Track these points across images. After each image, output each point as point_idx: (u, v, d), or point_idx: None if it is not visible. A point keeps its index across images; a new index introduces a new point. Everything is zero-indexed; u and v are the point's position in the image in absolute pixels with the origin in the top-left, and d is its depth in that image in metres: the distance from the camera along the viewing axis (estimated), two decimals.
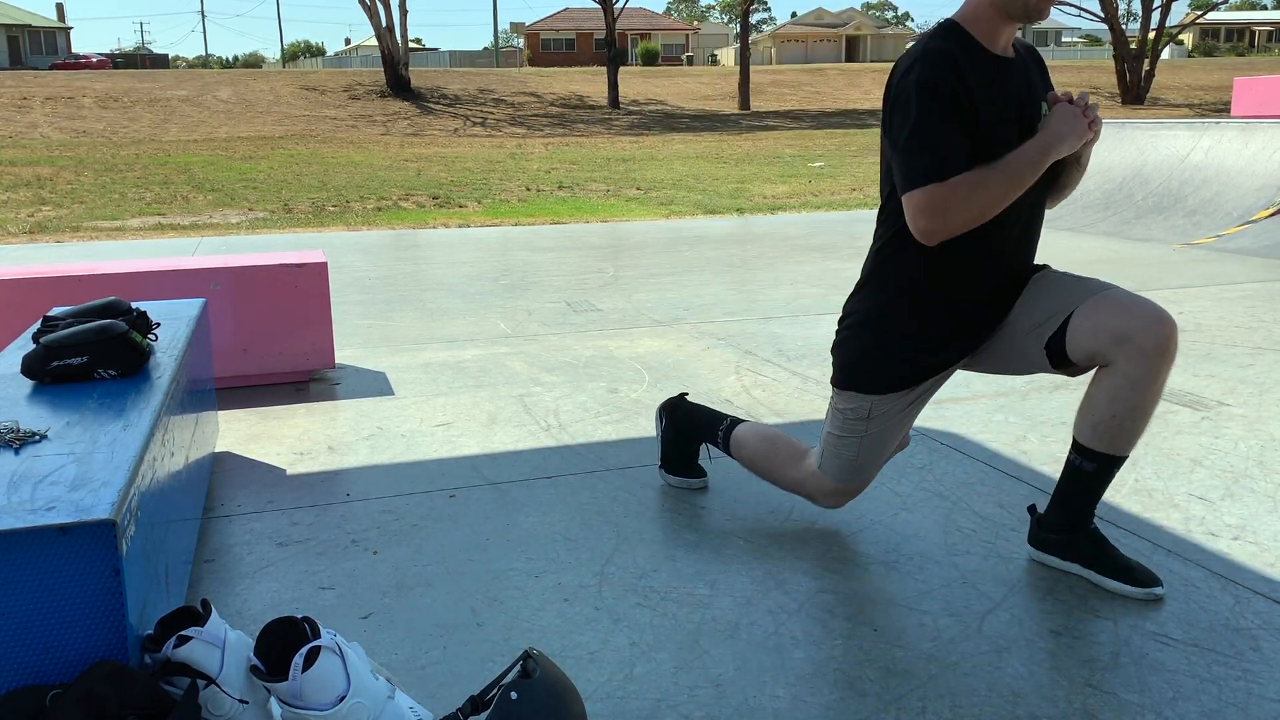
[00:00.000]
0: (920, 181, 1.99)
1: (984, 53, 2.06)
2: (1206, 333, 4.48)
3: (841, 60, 60.82)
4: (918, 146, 1.99)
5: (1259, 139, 7.90)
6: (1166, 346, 1.97)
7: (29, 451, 1.67)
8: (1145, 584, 2.10)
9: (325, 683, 1.42)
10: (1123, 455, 2.08)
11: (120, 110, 25.44)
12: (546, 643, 1.97)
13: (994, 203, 1.99)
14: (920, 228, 2.02)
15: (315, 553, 2.38)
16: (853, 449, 2.29)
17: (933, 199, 1.98)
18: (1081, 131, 2.03)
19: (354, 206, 11.02)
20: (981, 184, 1.98)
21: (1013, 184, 1.99)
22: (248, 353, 3.77)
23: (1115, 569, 2.13)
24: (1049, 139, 2.01)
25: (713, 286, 5.90)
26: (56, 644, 1.38)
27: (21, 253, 7.72)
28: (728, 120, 27.70)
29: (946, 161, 1.98)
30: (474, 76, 35.40)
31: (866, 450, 2.28)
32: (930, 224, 2.00)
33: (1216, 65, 42.57)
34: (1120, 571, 2.12)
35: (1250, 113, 11.72)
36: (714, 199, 11.55)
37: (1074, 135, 2.02)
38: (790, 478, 2.45)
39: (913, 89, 2.00)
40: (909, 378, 2.21)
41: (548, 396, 3.64)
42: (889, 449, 2.31)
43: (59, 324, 2.29)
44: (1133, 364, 1.97)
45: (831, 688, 1.80)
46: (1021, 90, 2.10)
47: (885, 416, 2.24)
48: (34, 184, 13.17)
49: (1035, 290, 2.16)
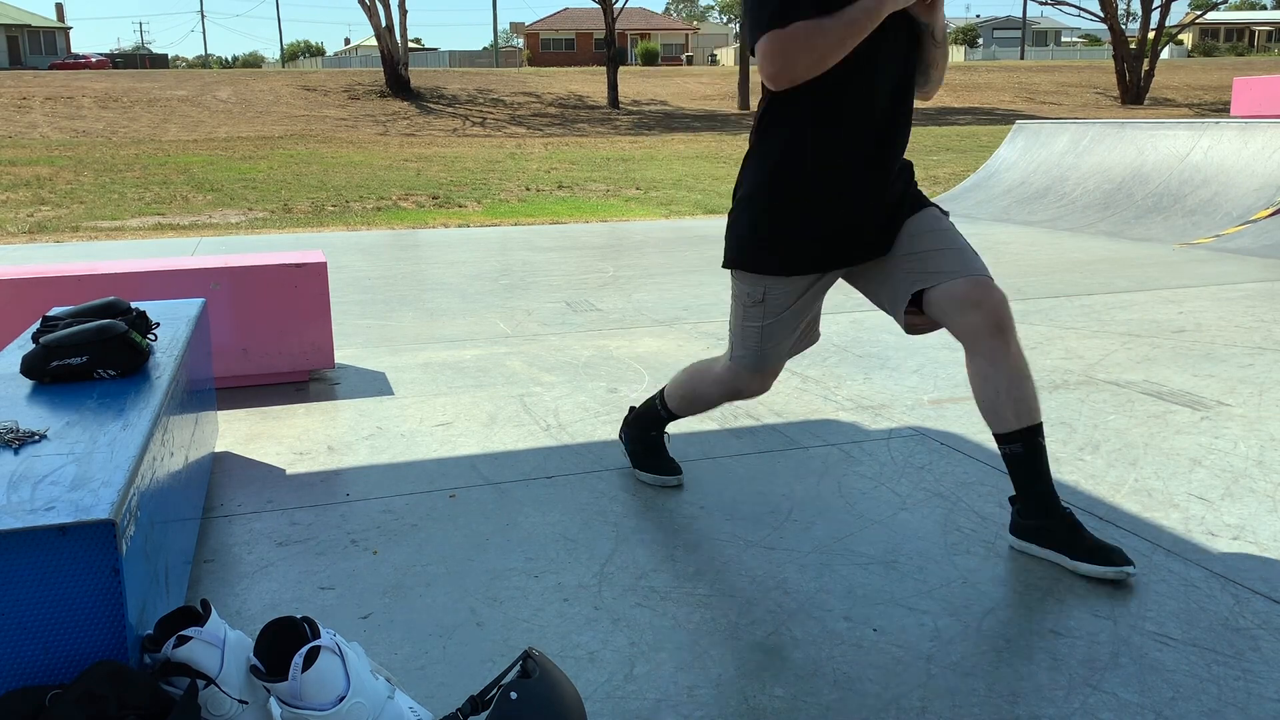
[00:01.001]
0: (764, 27, 2.10)
1: None
2: (1206, 332, 4.48)
3: None
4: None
5: (1258, 139, 7.91)
6: (1001, 323, 2.16)
7: (28, 451, 1.67)
8: (1116, 563, 2.16)
9: (325, 683, 1.42)
10: (1034, 423, 2.21)
11: (120, 110, 25.44)
12: (546, 643, 1.97)
13: (832, 48, 2.08)
14: (765, 71, 2.13)
15: (315, 553, 2.38)
16: (755, 337, 2.40)
17: (774, 44, 2.09)
18: None
19: (353, 206, 11.02)
20: (819, 29, 2.07)
21: (850, 30, 2.07)
22: (247, 352, 3.77)
23: (1086, 552, 2.20)
24: None
25: (713, 286, 5.90)
26: (56, 644, 1.38)
27: (21, 253, 7.72)
28: (728, 120, 27.70)
29: (787, 8, 2.08)
30: (474, 76, 35.40)
31: (769, 337, 2.40)
32: (773, 67, 2.11)
33: (1216, 65, 42.58)
34: (1091, 553, 2.19)
35: (1249, 112, 11.73)
36: (714, 199, 11.55)
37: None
38: (712, 385, 2.58)
39: None
40: (792, 260, 2.29)
41: (547, 396, 3.64)
42: (791, 336, 2.41)
43: (59, 324, 2.28)
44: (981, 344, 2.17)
45: (831, 688, 1.80)
46: None
47: (779, 301, 2.34)
48: (33, 184, 13.17)
49: (926, 239, 2.26)
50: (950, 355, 4.14)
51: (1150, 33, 31.26)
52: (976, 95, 32.62)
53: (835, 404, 3.49)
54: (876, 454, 2.99)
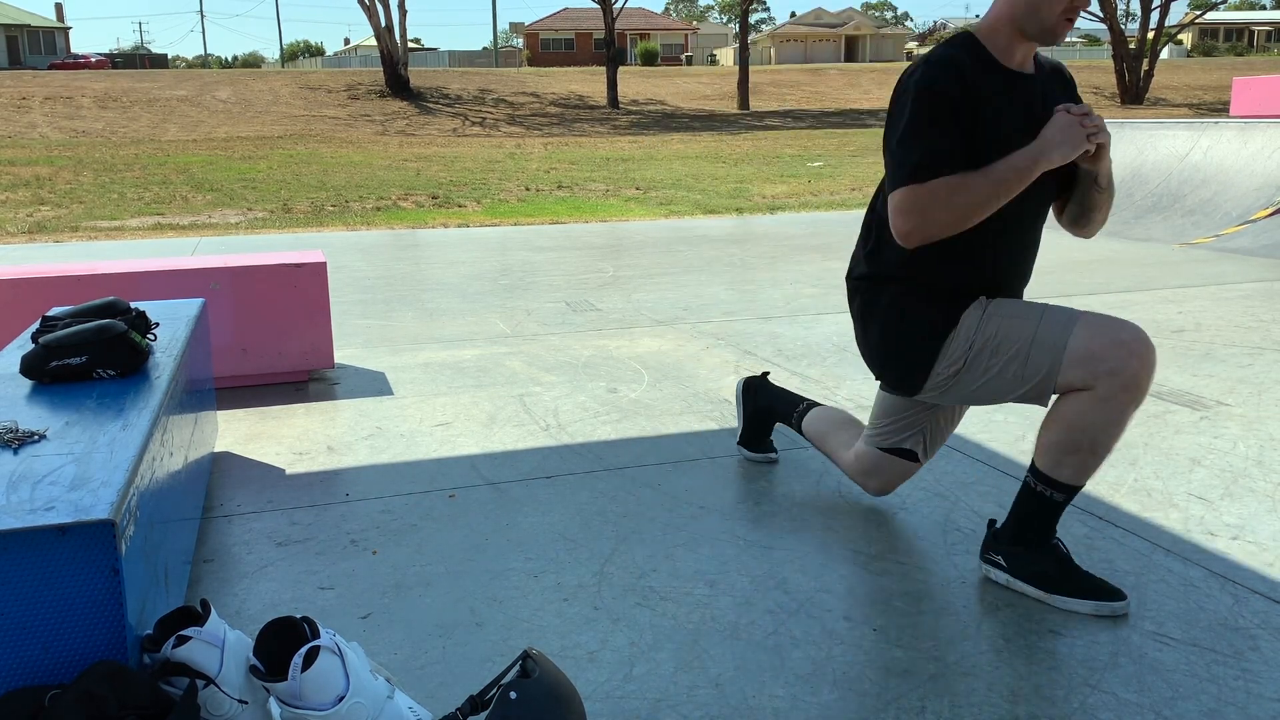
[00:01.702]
0: (903, 181, 1.99)
1: (997, 65, 2.06)
2: (1205, 332, 4.48)
3: (841, 60, 60.86)
4: (905, 148, 2.00)
5: (1258, 139, 7.91)
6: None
7: (28, 451, 1.67)
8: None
9: (324, 683, 1.42)
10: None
11: (119, 110, 25.43)
12: (546, 643, 1.96)
13: (976, 207, 1.97)
14: (898, 227, 2.02)
15: (314, 553, 2.38)
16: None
17: (911, 199, 1.98)
18: (1076, 140, 1.96)
19: (353, 206, 11.02)
20: (963, 187, 1.96)
21: (997, 190, 1.96)
22: (247, 352, 3.77)
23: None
24: (1040, 146, 1.97)
25: (712, 286, 5.90)
26: (56, 644, 1.38)
27: (21, 253, 7.72)
28: (727, 120, 27.70)
29: (930, 162, 1.97)
30: (473, 76, 35.40)
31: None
32: (907, 224, 2.00)
33: (1215, 65, 42.59)
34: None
35: (1249, 112, 11.73)
36: (713, 199, 11.55)
37: (1067, 144, 1.96)
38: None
39: (912, 90, 2.01)
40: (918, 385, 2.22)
41: (547, 396, 3.64)
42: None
43: (58, 324, 2.28)
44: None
45: (831, 688, 1.80)
46: (1036, 106, 2.07)
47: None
48: (33, 184, 13.17)
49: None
50: None
51: (1150, 33, 31.27)
52: None
53: (835, 404, 3.49)
54: None
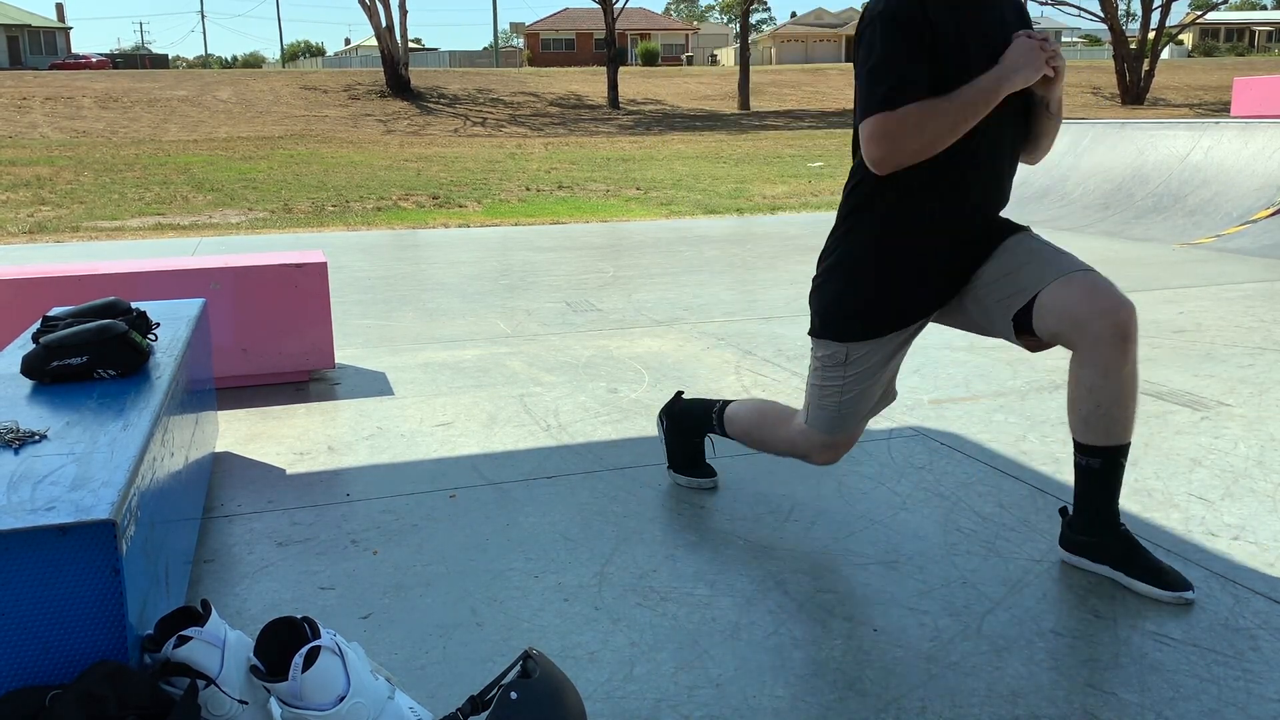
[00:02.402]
0: (873, 109, 2.01)
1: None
2: (1206, 333, 4.48)
3: (841, 60, 60.80)
4: (874, 77, 2.02)
5: (1258, 139, 7.90)
6: (1126, 332, 1.99)
7: (29, 451, 1.67)
8: (1175, 587, 2.07)
9: (325, 683, 1.42)
10: (1124, 443, 2.08)
11: (120, 110, 25.44)
12: (546, 643, 1.97)
13: (945, 132, 2.00)
14: (870, 155, 2.04)
15: (315, 553, 2.38)
16: (834, 398, 2.29)
17: (883, 126, 2.00)
18: (1037, 64, 2.02)
19: (354, 206, 11.02)
20: (932, 112, 1.99)
21: (964, 114, 2.00)
22: (247, 353, 3.77)
23: (1145, 571, 2.11)
24: (1003, 70, 2.02)
25: (712, 286, 5.90)
26: (56, 644, 1.38)
27: (21, 253, 7.72)
28: (727, 120, 27.70)
29: (899, 90, 2.00)
30: (474, 76, 35.40)
31: (849, 400, 2.29)
32: (879, 151, 2.02)
33: (1216, 65, 42.58)
34: (1150, 574, 2.10)
35: (1250, 112, 11.73)
36: (714, 199, 11.55)
37: (1029, 68, 2.02)
38: (781, 439, 2.46)
39: (876, 21, 2.04)
40: (883, 323, 2.21)
41: (547, 396, 3.64)
42: (872, 398, 2.31)
43: (59, 324, 2.28)
44: (1097, 352, 2.00)
45: (831, 688, 1.80)
46: (994, 31, 2.10)
47: (863, 362, 2.25)
48: (34, 184, 13.17)
49: (1013, 256, 2.15)
50: (950, 355, 4.14)
51: (1150, 33, 31.26)
52: None
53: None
54: (876, 454, 2.99)
